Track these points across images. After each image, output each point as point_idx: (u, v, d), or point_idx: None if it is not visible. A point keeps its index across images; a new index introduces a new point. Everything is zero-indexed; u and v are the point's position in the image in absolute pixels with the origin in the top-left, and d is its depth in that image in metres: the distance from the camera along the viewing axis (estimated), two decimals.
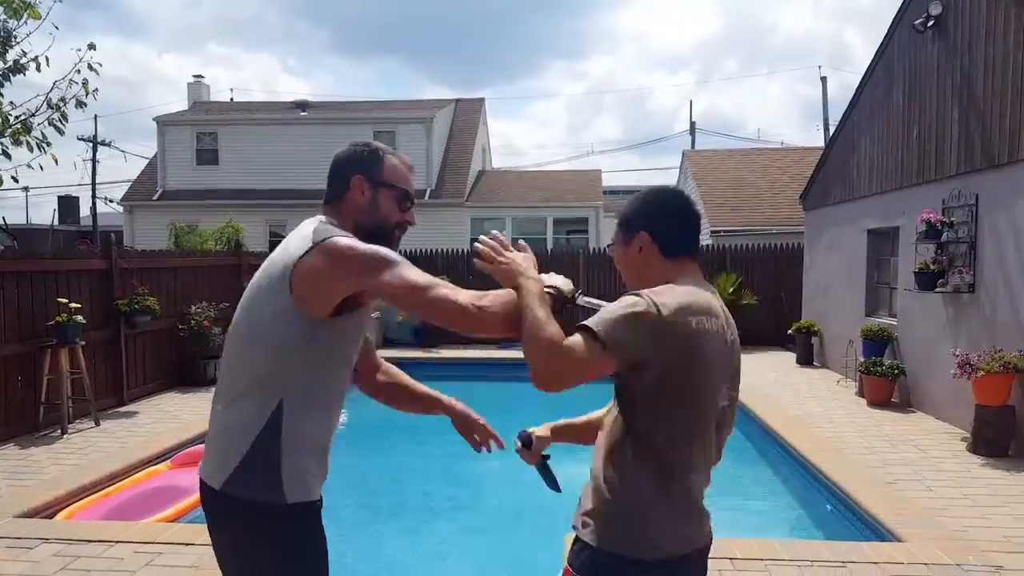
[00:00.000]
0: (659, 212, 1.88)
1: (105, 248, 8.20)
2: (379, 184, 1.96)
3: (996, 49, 6.52)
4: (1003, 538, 4.30)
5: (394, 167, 2.00)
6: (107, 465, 5.75)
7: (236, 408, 1.82)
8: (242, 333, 1.85)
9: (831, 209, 10.81)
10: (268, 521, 1.79)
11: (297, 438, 1.80)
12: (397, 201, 1.99)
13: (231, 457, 1.78)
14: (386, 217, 1.97)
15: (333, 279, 1.74)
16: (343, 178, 1.97)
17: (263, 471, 1.77)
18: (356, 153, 2.00)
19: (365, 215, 1.94)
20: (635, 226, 1.87)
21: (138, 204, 21.29)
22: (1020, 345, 5.98)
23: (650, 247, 1.84)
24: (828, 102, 26.71)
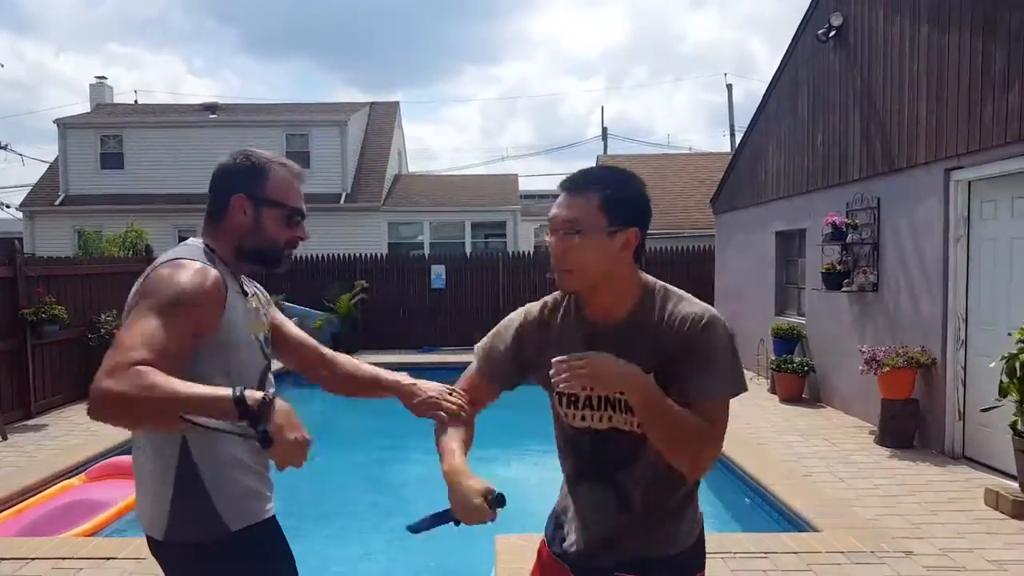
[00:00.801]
0: (647, 206, 1.65)
1: (9, 255, 7.85)
2: (262, 203, 1.78)
3: (893, 59, 6.86)
4: (912, 525, 4.51)
5: (280, 181, 1.80)
6: (19, 479, 5.57)
7: (144, 451, 1.72)
8: None
9: (740, 212, 11.16)
10: (219, 558, 1.70)
11: (217, 465, 1.69)
12: (285, 219, 1.81)
13: (161, 504, 1.69)
14: (273, 238, 1.81)
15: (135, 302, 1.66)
16: (222, 196, 1.79)
17: (196, 510, 1.68)
18: (236, 167, 1.81)
19: (248, 237, 1.79)
20: (625, 218, 1.58)
21: (39, 210, 20.20)
22: (922, 341, 6.29)
23: (631, 248, 1.60)
24: (734, 108, 27.65)
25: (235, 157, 1.83)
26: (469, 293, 14.10)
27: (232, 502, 1.70)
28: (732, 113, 27.19)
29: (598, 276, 1.59)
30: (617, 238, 1.57)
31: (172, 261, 1.68)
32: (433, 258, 14.71)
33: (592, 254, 1.56)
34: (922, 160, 6.38)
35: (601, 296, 1.65)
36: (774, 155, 9.77)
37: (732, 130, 26.67)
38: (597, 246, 1.55)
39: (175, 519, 1.68)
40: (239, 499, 1.72)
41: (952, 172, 6.04)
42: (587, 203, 1.57)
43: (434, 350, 13.29)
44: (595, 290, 1.63)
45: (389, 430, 8.66)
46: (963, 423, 5.97)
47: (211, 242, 1.79)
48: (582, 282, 1.61)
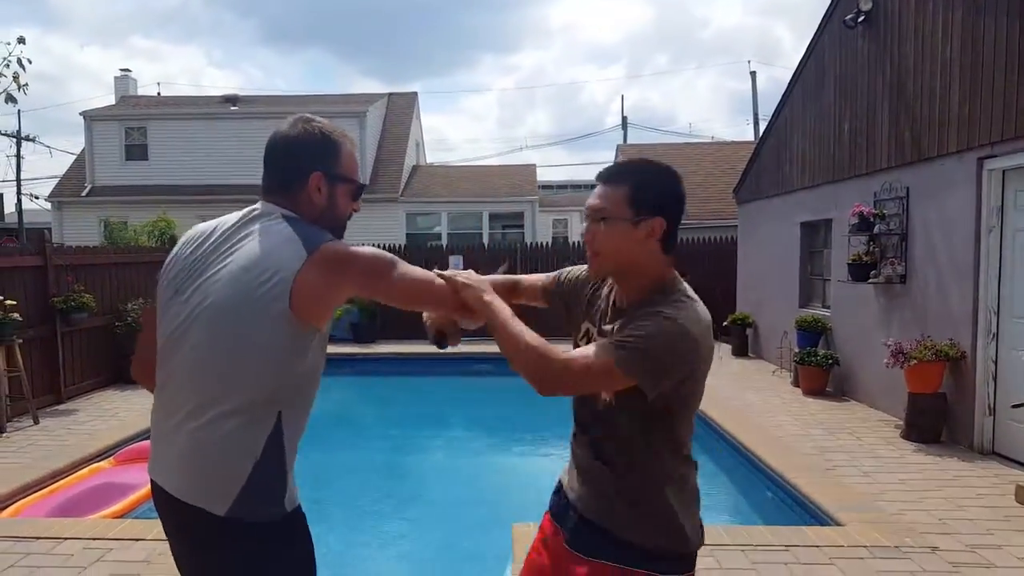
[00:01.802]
0: (679, 199, 1.67)
1: (39, 245, 8.00)
2: (336, 180, 1.79)
3: (924, 45, 6.69)
4: (938, 520, 4.40)
5: (349, 156, 1.83)
6: (50, 463, 5.69)
7: (223, 427, 1.60)
8: (227, 349, 1.61)
9: (764, 203, 11.00)
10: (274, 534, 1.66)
11: (292, 448, 1.70)
12: (352, 195, 1.85)
13: (232, 481, 1.60)
14: (342, 214, 1.84)
15: (338, 288, 1.65)
16: (298, 171, 1.75)
17: (271, 491, 1.65)
18: (312, 141, 1.78)
19: (324, 214, 1.78)
20: (650, 207, 1.62)
21: (67, 200, 20.48)
22: (951, 333, 6.14)
23: (656, 237, 1.64)
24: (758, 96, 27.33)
25: (304, 128, 1.80)
26: None
27: (291, 483, 1.71)
28: (756, 101, 27.04)
29: (622, 262, 1.67)
30: (641, 227, 1.62)
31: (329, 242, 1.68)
32: (451, 248, 14.66)
33: (615, 240, 1.64)
34: (954, 149, 6.22)
35: (625, 282, 1.73)
36: (799, 144, 9.60)
37: (756, 118, 26.35)
38: (621, 233, 1.63)
39: (245, 497, 1.61)
40: (294, 482, 1.72)
41: (985, 161, 5.88)
42: (616, 193, 1.65)
43: None
44: (621, 276, 1.72)
45: (407, 419, 8.67)
46: (993, 418, 5.82)
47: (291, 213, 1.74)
48: (606, 266, 1.70)
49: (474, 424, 8.59)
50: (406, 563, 4.75)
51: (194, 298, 1.68)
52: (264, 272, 1.60)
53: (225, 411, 1.61)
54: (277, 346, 1.61)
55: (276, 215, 1.73)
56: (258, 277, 1.60)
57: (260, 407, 1.62)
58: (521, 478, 6.45)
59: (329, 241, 1.67)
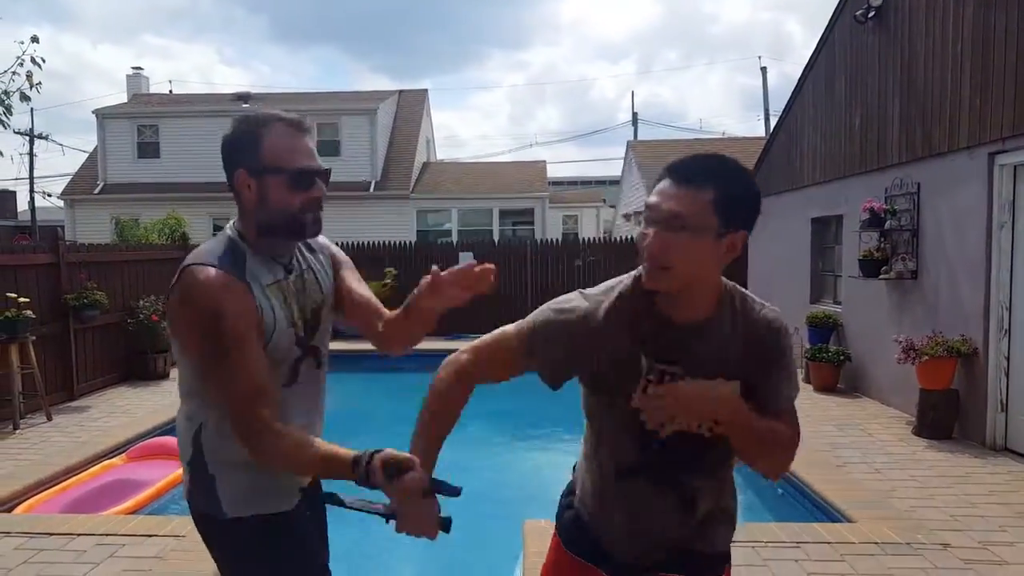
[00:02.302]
0: (759, 208, 1.49)
1: (52, 242, 8.07)
2: (261, 172, 1.65)
3: (935, 39, 6.65)
4: (949, 517, 4.39)
5: (276, 144, 1.65)
6: (63, 459, 5.73)
7: (178, 422, 1.81)
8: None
9: (774, 198, 10.95)
10: (219, 533, 1.78)
11: (220, 462, 1.72)
12: (290, 185, 1.66)
13: (185, 475, 1.80)
14: (284, 207, 1.66)
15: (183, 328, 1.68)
16: (229, 175, 1.70)
17: (201, 487, 1.75)
18: (231, 138, 1.70)
19: (260, 213, 1.68)
20: (737, 220, 1.43)
21: (79, 198, 20.67)
22: (963, 329, 6.12)
23: (736, 252, 1.45)
24: (768, 92, 27.21)
25: (232, 126, 1.72)
26: (497, 280, 14.05)
27: (232, 493, 1.74)
28: (767, 97, 26.71)
29: (695, 278, 1.45)
30: (725, 241, 1.41)
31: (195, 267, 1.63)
32: (461, 245, 14.69)
33: (696, 255, 1.39)
34: (965, 144, 6.19)
35: (685, 297, 1.51)
36: (810, 140, 9.57)
37: (767, 114, 26.24)
38: (704, 247, 1.39)
39: (190, 488, 1.79)
40: (239, 492, 1.74)
41: (996, 156, 5.85)
42: (700, 197, 1.39)
43: (462, 336, 13.29)
44: (684, 291, 1.49)
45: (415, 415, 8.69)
46: (1006, 414, 5.80)
47: (242, 226, 1.73)
48: (677, 283, 1.45)
49: (485, 420, 8.60)
50: (417, 559, 4.77)
51: None
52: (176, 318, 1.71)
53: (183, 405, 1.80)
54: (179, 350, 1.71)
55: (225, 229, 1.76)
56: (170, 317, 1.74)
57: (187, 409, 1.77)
58: (532, 474, 6.48)
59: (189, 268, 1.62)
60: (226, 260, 1.64)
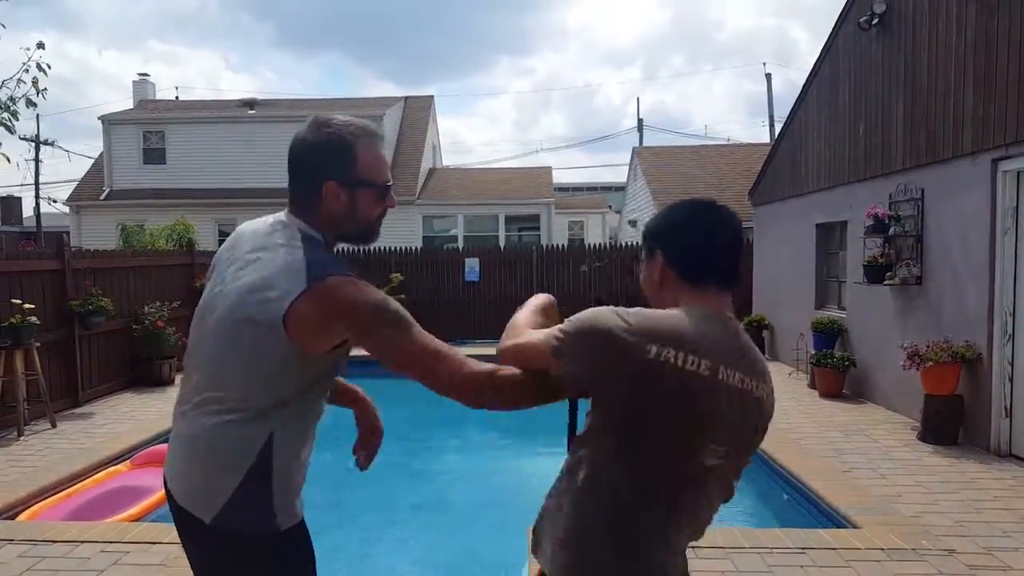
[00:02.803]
0: (676, 230, 1.62)
1: (58, 248, 8.06)
2: (354, 185, 1.71)
3: (938, 46, 6.68)
4: (955, 523, 4.41)
5: (368, 160, 1.72)
6: (67, 466, 5.73)
7: (221, 437, 1.65)
8: (225, 358, 1.66)
9: (779, 204, 10.99)
10: (264, 549, 1.69)
11: (284, 471, 1.67)
12: (378, 197, 1.76)
13: (220, 491, 1.64)
14: (368, 218, 1.77)
15: (328, 329, 1.60)
16: (312, 183, 1.70)
17: (254, 506, 1.64)
18: (322, 150, 1.70)
19: (346, 222, 1.74)
20: (651, 244, 1.66)
21: (85, 204, 20.72)
22: (967, 335, 6.14)
23: (664, 269, 1.60)
24: (773, 98, 27.24)
25: (316, 134, 1.72)
26: (503, 286, 14.09)
27: (286, 505, 1.69)
28: (771, 103, 26.88)
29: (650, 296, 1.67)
30: (651, 264, 1.64)
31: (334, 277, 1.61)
32: (467, 251, 14.73)
33: (644, 279, 1.69)
34: (968, 150, 6.21)
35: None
36: (814, 146, 9.60)
37: (771, 120, 26.29)
38: (644, 272, 1.69)
39: (230, 508, 1.64)
40: (291, 503, 1.71)
41: (1000, 162, 5.87)
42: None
43: (468, 342, 13.32)
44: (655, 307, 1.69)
45: (425, 423, 8.73)
46: (1010, 420, 5.81)
47: (308, 228, 1.72)
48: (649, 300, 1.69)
49: (491, 427, 8.64)
50: (422, 566, 4.79)
51: (215, 302, 1.72)
52: (265, 294, 1.61)
53: (217, 419, 1.65)
54: (273, 370, 1.62)
55: (294, 230, 1.71)
56: (258, 298, 1.61)
57: (250, 423, 1.63)
58: (537, 481, 6.48)
59: (335, 276, 1.60)
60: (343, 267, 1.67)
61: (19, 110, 6.20)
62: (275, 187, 19.19)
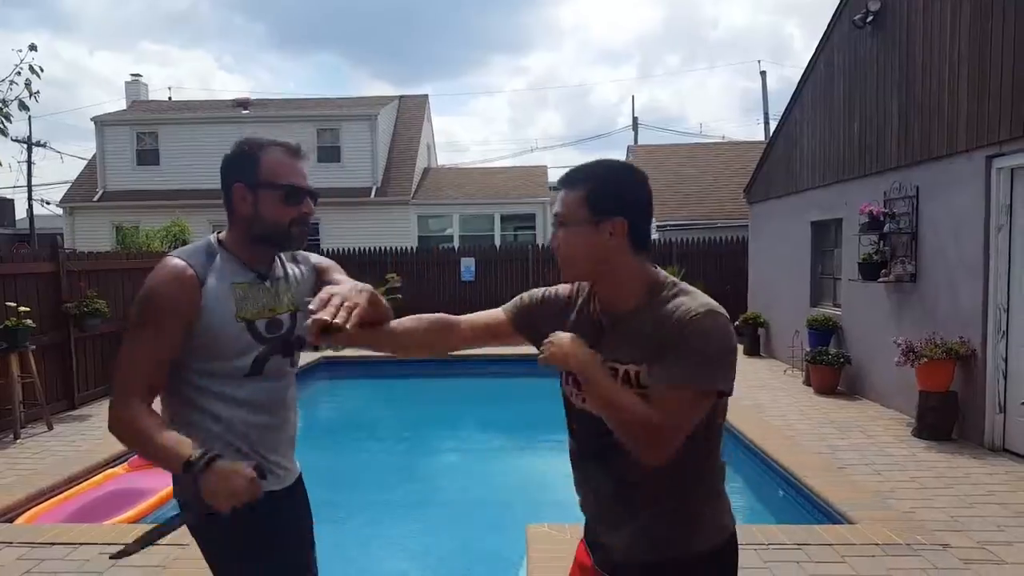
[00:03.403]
0: (639, 197, 1.63)
1: (52, 251, 8.02)
2: (257, 187, 1.85)
3: (933, 44, 6.71)
4: (949, 518, 4.43)
5: (272, 163, 1.85)
6: (64, 469, 5.72)
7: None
8: None
9: (774, 202, 11.01)
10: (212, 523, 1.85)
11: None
12: (283, 200, 1.86)
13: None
14: (275, 220, 1.86)
15: None
16: (226, 188, 1.90)
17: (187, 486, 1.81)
18: (231, 157, 1.91)
19: (254, 223, 1.88)
20: (608, 208, 1.57)
21: (78, 206, 20.66)
22: (961, 332, 6.16)
23: (623, 238, 1.57)
24: (768, 96, 27.26)
25: (233, 148, 1.92)
26: (499, 285, 14.11)
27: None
28: (766, 100, 26.76)
29: (590, 267, 1.61)
30: (603, 228, 1.56)
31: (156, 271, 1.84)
32: (463, 251, 14.73)
33: (578, 244, 1.58)
34: (963, 148, 6.24)
35: (605, 287, 1.66)
36: (809, 143, 9.62)
37: (766, 118, 26.28)
38: (583, 236, 1.57)
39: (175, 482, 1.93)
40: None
41: (994, 160, 5.90)
42: (573, 197, 1.60)
43: None
44: (598, 282, 1.67)
45: (422, 421, 8.74)
46: (1004, 416, 5.84)
47: (226, 234, 1.92)
48: (574, 272, 1.65)
49: (488, 425, 8.66)
50: (421, 564, 4.80)
51: None
52: None
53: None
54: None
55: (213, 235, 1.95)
56: None
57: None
58: (535, 479, 6.51)
59: (163, 258, 1.86)
60: (194, 256, 1.85)
61: (11, 112, 6.17)
62: None
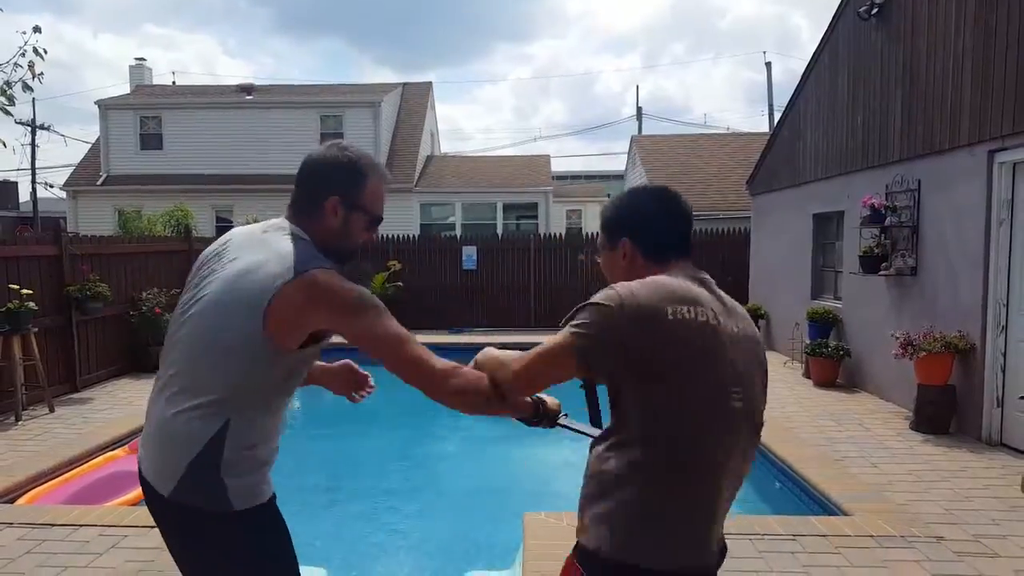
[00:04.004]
0: (638, 217, 1.81)
1: (55, 234, 8.09)
2: (354, 208, 1.87)
3: (937, 37, 6.68)
4: (944, 511, 4.46)
5: (373, 191, 1.90)
6: (65, 451, 5.78)
7: (183, 415, 1.74)
8: (203, 343, 1.75)
9: (777, 194, 11.00)
10: (217, 526, 1.76)
11: (237, 458, 1.74)
12: (367, 225, 1.92)
13: (177, 465, 1.73)
14: (354, 240, 1.92)
15: (309, 316, 1.70)
16: (317, 194, 1.85)
17: (208, 482, 1.72)
18: (336, 168, 1.86)
19: (334, 237, 1.87)
20: (616, 233, 1.81)
21: (81, 189, 20.65)
22: (961, 326, 6.17)
23: (633, 253, 1.77)
24: (773, 87, 27.19)
25: (334, 152, 1.88)
26: (500, 274, 14.10)
27: (240, 487, 1.75)
28: (771, 92, 26.73)
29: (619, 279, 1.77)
30: (617, 251, 1.80)
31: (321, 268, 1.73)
32: (464, 239, 14.73)
33: (606, 267, 1.86)
34: (965, 141, 6.23)
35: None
36: (812, 135, 9.60)
37: (771, 110, 26.21)
38: (606, 260, 1.85)
39: (185, 482, 1.73)
40: (247, 486, 1.77)
41: (996, 154, 5.89)
42: (600, 229, 1.90)
43: (465, 331, 13.36)
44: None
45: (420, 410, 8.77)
46: (1001, 410, 5.86)
47: (301, 231, 1.84)
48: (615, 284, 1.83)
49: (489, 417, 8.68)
50: (418, 551, 4.83)
51: (199, 292, 1.81)
52: (251, 283, 1.71)
53: (181, 400, 1.74)
54: (241, 352, 1.70)
55: (288, 231, 1.82)
56: (244, 286, 1.72)
57: (210, 407, 1.71)
58: (533, 468, 6.54)
59: (319, 268, 1.71)
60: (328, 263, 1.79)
61: (15, 95, 6.19)
62: (272, 173, 19.18)
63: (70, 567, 3.75)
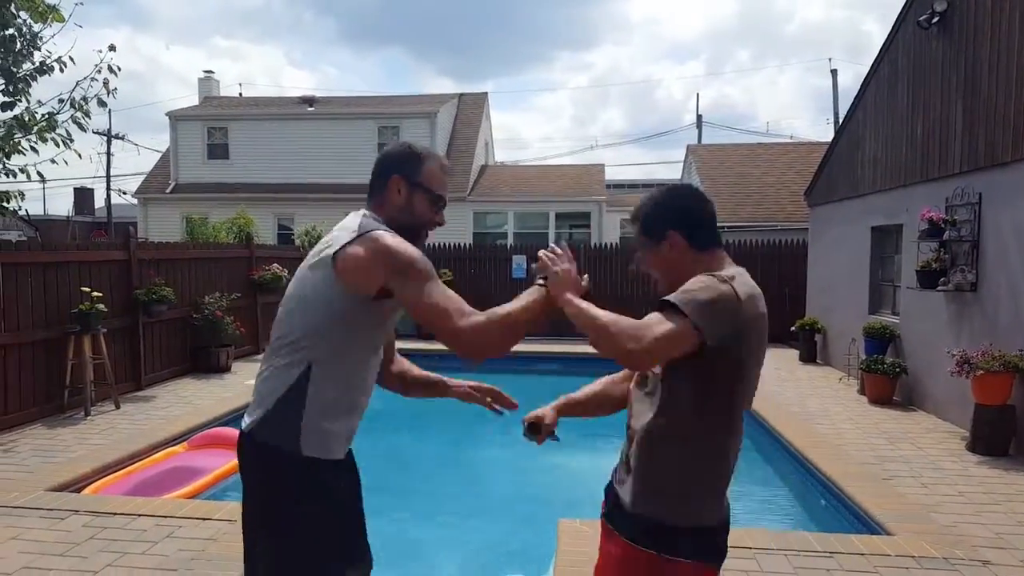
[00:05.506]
0: (683, 209, 1.94)
1: (124, 240, 8.45)
2: (415, 186, 2.08)
3: (1000, 46, 6.48)
4: (995, 535, 4.30)
5: (432, 172, 2.11)
6: (128, 445, 6.06)
7: (273, 365, 2.00)
8: (292, 303, 2.01)
9: (835, 206, 10.78)
10: (284, 466, 1.95)
11: (317, 403, 1.94)
12: (430, 203, 2.11)
13: (262, 406, 1.98)
14: (419, 217, 2.10)
15: (371, 269, 1.89)
16: (383, 176, 2.10)
17: (284, 422, 1.94)
18: (398, 153, 2.13)
19: (400, 213, 2.07)
20: (661, 228, 1.92)
21: (151, 197, 21.49)
22: (1022, 344, 5.95)
23: (682, 245, 1.89)
24: (840, 95, 26.62)
25: (400, 146, 2.16)
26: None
27: (312, 433, 1.95)
28: (836, 100, 26.15)
29: (667, 274, 1.94)
30: (663, 245, 1.92)
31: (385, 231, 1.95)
32: (515, 248, 14.79)
33: (655, 262, 1.96)
34: None
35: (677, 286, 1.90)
36: (871, 146, 9.39)
37: (836, 118, 25.64)
38: (654, 256, 1.95)
39: (264, 421, 1.97)
40: (320, 434, 1.96)
41: None
42: (636, 231, 2.01)
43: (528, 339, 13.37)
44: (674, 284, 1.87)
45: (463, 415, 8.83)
46: None
47: (374, 213, 2.08)
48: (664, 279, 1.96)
49: None
50: (454, 555, 4.88)
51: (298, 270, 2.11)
52: (326, 244, 1.98)
53: (273, 353, 2.01)
54: (320, 308, 1.93)
55: (360, 213, 2.07)
56: (321, 248, 1.99)
57: (294, 354, 1.95)
58: (570, 475, 6.53)
59: (381, 231, 1.94)
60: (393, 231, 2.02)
61: (91, 109, 6.54)
62: (332, 183, 19.61)
63: (127, 553, 3.94)
